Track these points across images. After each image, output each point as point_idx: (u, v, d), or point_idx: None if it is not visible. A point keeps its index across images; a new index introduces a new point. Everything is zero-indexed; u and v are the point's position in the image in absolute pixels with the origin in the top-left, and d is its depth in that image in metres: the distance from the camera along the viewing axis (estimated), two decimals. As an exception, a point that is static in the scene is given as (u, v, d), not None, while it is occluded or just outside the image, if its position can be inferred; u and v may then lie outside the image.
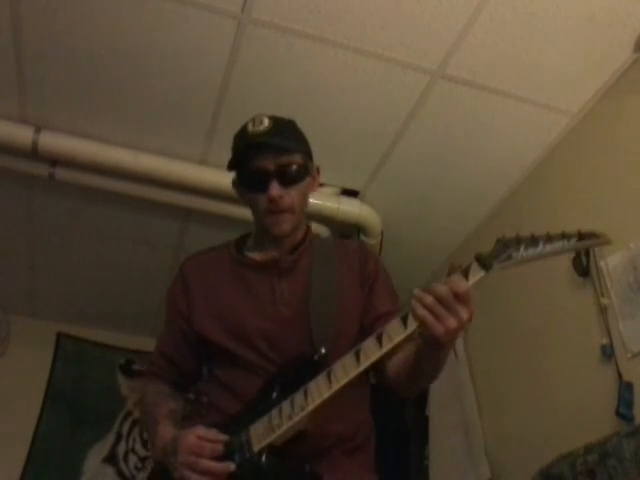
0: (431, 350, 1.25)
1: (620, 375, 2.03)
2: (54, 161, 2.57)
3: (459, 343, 2.78)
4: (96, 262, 3.24)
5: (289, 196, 1.48)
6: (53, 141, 2.50)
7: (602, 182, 2.30)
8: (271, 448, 1.29)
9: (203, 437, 1.31)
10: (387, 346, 1.22)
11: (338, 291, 1.51)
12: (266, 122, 1.50)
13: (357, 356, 1.24)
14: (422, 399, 3.05)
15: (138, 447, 3.48)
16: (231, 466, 1.29)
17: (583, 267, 2.26)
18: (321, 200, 2.72)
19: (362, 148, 2.62)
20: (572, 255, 2.30)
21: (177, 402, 1.60)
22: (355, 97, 2.41)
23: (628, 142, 2.22)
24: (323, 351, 1.36)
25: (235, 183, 1.61)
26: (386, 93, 2.39)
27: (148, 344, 3.73)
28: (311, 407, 1.26)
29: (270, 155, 1.47)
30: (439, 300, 1.14)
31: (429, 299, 1.15)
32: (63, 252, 3.17)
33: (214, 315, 1.51)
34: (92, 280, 3.37)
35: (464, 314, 1.15)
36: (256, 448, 1.30)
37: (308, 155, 1.56)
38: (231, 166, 1.57)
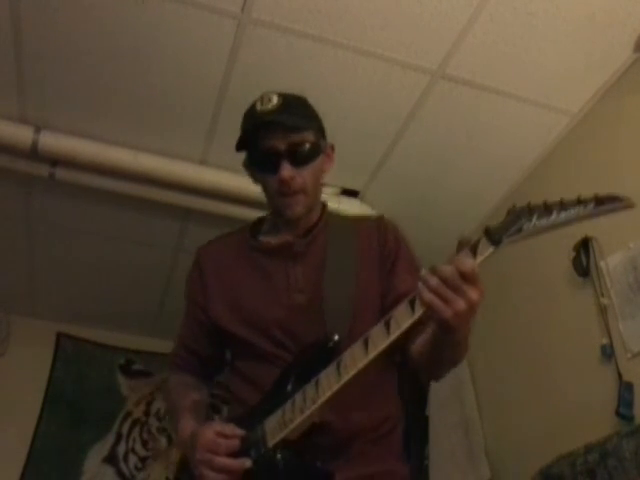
0: (445, 335, 1.17)
1: (620, 375, 2.03)
2: (54, 161, 2.57)
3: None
4: (96, 262, 3.24)
5: (301, 177, 1.41)
6: (53, 141, 2.49)
7: (602, 182, 2.30)
8: (286, 443, 1.26)
9: (220, 433, 1.28)
10: (395, 333, 1.13)
11: (355, 273, 1.44)
12: (275, 100, 1.42)
13: (365, 345, 1.17)
14: (422, 399, 3.04)
15: (138, 447, 3.48)
16: (247, 462, 1.26)
17: (583, 267, 2.26)
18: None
19: (362, 148, 2.62)
20: (572, 255, 2.30)
21: (201, 392, 1.56)
22: (355, 97, 2.41)
23: (628, 142, 2.22)
24: (336, 338, 1.28)
25: (246, 163, 1.54)
26: (386, 93, 2.39)
27: (148, 344, 3.76)
28: (322, 400, 1.21)
29: (280, 134, 1.40)
30: (445, 281, 1.06)
31: (434, 281, 1.07)
32: (63, 252, 3.17)
33: (229, 303, 1.47)
34: (92, 280, 3.37)
35: (473, 295, 1.07)
36: (270, 443, 1.26)
37: (320, 132, 1.48)
38: (240, 146, 1.49)
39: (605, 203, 1.01)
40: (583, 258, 2.26)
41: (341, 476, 1.28)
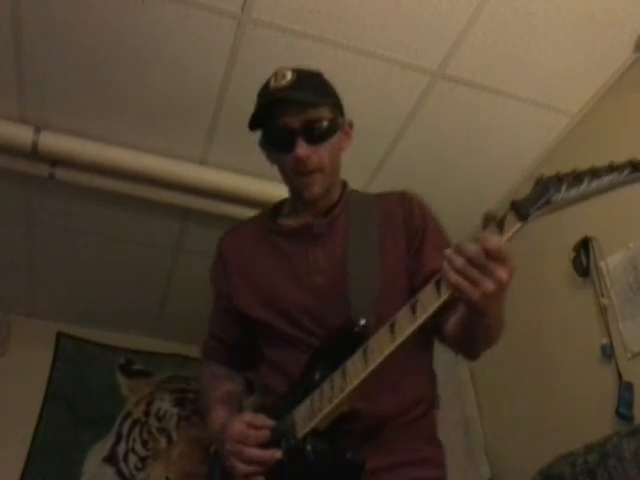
0: (475, 317, 1.11)
1: (620, 375, 2.03)
2: (54, 161, 2.57)
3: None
4: (96, 262, 3.23)
5: (317, 155, 1.35)
6: (53, 141, 2.49)
7: (602, 182, 2.30)
8: (315, 432, 1.21)
9: (250, 423, 1.26)
10: (422, 317, 1.07)
11: (379, 254, 1.37)
12: (289, 76, 1.36)
13: (392, 330, 1.11)
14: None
15: (138, 447, 3.48)
16: (277, 454, 1.23)
17: (583, 267, 2.26)
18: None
19: (362, 148, 2.62)
20: (572, 255, 2.30)
21: (234, 382, 1.52)
22: (355, 97, 2.41)
23: (628, 142, 2.22)
24: (362, 322, 1.23)
25: (261, 142, 1.47)
26: (386, 93, 2.39)
27: (148, 344, 3.76)
28: (350, 388, 1.16)
29: (294, 111, 1.34)
30: (470, 261, 1.00)
31: (459, 261, 1.00)
32: (63, 252, 3.17)
33: (252, 289, 1.44)
34: (92, 280, 3.36)
35: (502, 274, 1.00)
36: (300, 434, 1.23)
37: (338, 109, 1.43)
38: (253, 124, 1.41)
39: None
40: (583, 258, 2.26)
41: (370, 465, 1.23)
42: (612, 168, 0.95)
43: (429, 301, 1.07)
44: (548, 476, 2.02)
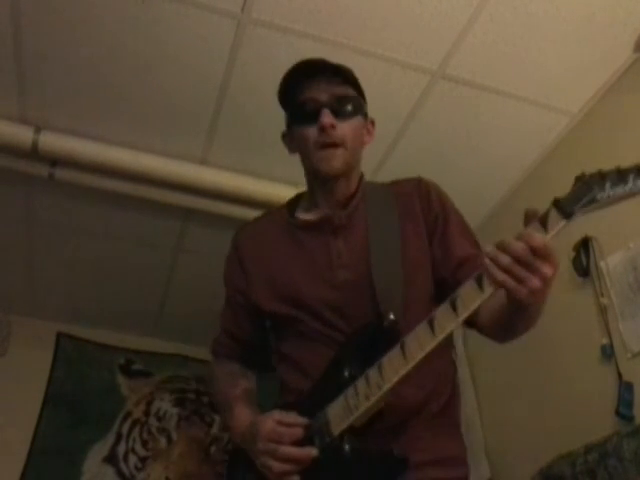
0: (518, 311, 1.12)
1: (620, 375, 2.03)
2: (54, 161, 2.57)
3: (458, 341, 2.78)
4: (96, 262, 3.23)
5: (341, 128, 1.36)
6: (53, 141, 2.49)
7: (602, 182, 2.30)
8: (351, 429, 1.20)
9: (281, 421, 1.24)
10: (464, 314, 1.06)
11: (401, 243, 1.36)
12: (318, 59, 1.41)
13: (431, 326, 1.10)
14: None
15: (138, 447, 3.48)
16: (313, 451, 1.21)
17: (583, 267, 2.26)
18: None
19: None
20: (572, 255, 2.30)
21: (249, 380, 1.50)
22: (355, 97, 2.41)
23: (628, 142, 2.22)
24: (392, 317, 1.22)
25: (284, 135, 1.49)
26: (386, 93, 2.39)
27: (148, 344, 3.77)
28: (388, 385, 1.15)
29: (322, 85, 1.37)
30: (517, 260, 0.99)
31: (506, 260, 1.00)
32: (63, 252, 3.17)
33: (271, 285, 1.41)
34: (92, 280, 3.36)
35: (548, 270, 1.00)
36: (336, 431, 1.21)
37: (363, 98, 1.46)
38: (282, 100, 1.44)
39: None
40: (583, 258, 2.26)
41: (413, 456, 1.22)
42: None
43: (471, 298, 1.06)
44: (548, 476, 2.02)
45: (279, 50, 2.24)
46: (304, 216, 1.47)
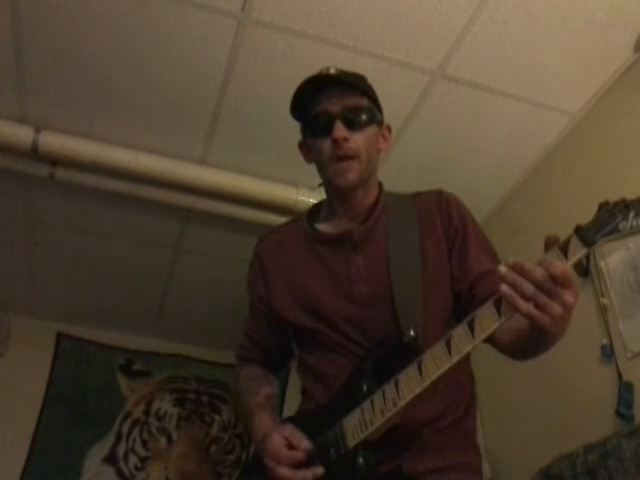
0: (540, 335, 1.10)
1: (620, 375, 2.03)
2: (54, 161, 2.57)
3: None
4: (96, 262, 3.23)
5: (354, 140, 1.36)
6: (53, 141, 2.49)
7: (602, 182, 2.30)
8: (366, 443, 1.22)
9: (287, 440, 1.28)
10: (480, 337, 1.06)
11: (421, 258, 1.36)
12: (332, 70, 1.41)
13: (448, 346, 1.10)
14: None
15: (138, 447, 3.48)
16: (308, 475, 1.24)
17: (583, 267, 2.26)
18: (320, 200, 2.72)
19: (362, 148, 2.62)
20: (572, 255, 2.30)
21: (272, 385, 1.53)
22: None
23: (628, 142, 2.22)
24: (412, 334, 1.23)
25: (301, 144, 1.50)
26: (386, 93, 2.38)
27: (148, 344, 3.77)
28: (403, 403, 1.16)
29: (335, 98, 1.37)
30: (538, 287, 0.98)
31: (529, 288, 0.98)
32: (63, 252, 3.17)
33: (293, 295, 1.43)
34: (92, 280, 3.36)
35: (569, 298, 0.99)
36: (351, 444, 1.23)
37: (376, 106, 1.46)
38: (295, 114, 1.45)
39: None
40: (583, 258, 2.26)
41: (408, 469, 1.25)
42: None
43: (488, 322, 1.06)
44: (548, 476, 2.02)
45: (279, 50, 2.24)
46: (324, 228, 1.47)
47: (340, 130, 1.35)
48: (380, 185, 1.51)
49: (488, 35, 2.19)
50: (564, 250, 0.99)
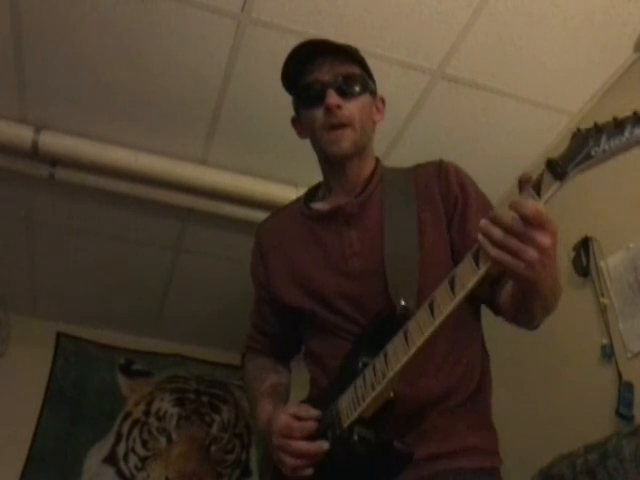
0: (527, 289, 1.04)
1: (620, 375, 2.03)
2: (54, 161, 2.57)
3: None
4: (96, 262, 3.23)
5: (347, 108, 1.33)
6: (53, 141, 2.49)
7: (602, 182, 2.30)
8: (361, 421, 1.16)
9: (295, 415, 1.23)
10: (461, 293, 0.99)
11: (418, 229, 1.31)
12: (320, 39, 1.39)
13: (431, 309, 1.04)
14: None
15: (138, 447, 3.48)
16: (324, 445, 1.19)
17: (583, 267, 2.26)
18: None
19: (362, 148, 2.62)
20: (572, 255, 2.30)
21: (279, 374, 1.50)
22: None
23: (628, 142, 2.22)
24: (403, 303, 1.18)
25: (294, 120, 1.47)
26: (386, 93, 2.38)
27: (148, 344, 3.77)
28: (391, 374, 1.10)
29: (326, 67, 1.35)
30: (508, 231, 0.92)
31: (497, 232, 0.93)
32: (63, 252, 3.17)
33: (290, 277, 1.40)
34: (92, 280, 3.36)
35: (544, 239, 0.92)
36: (345, 423, 1.18)
37: (369, 75, 1.42)
38: (286, 85, 1.43)
39: None
40: (583, 258, 2.26)
41: (422, 450, 1.18)
42: None
43: (467, 276, 0.99)
44: (548, 476, 2.02)
45: (279, 50, 2.23)
46: (318, 206, 1.45)
47: (333, 97, 1.32)
48: (377, 159, 1.48)
49: (488, 35, 2.19)
50: (537, 188, 0.92)
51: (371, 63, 2.28)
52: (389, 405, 1.15)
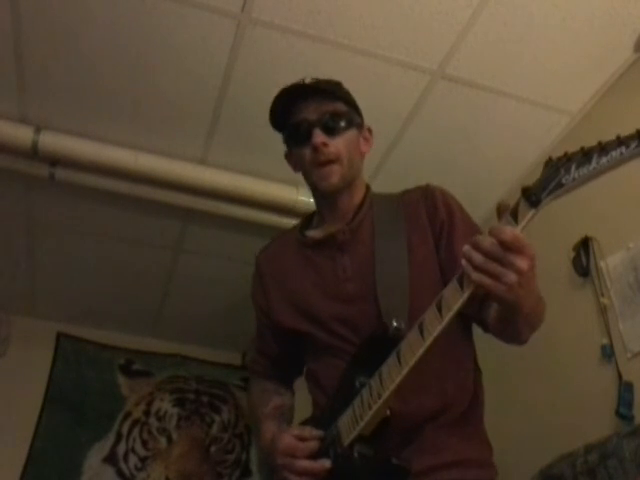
0: (510, 309, 1.10)
1: (620, 375, 2.03)
2: (54, 161, 2.57)
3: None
4: (96, 262, 3.24)
5: (334, 145, 1.40)
6: (53, 141, 2.49)
7: (602, 182, 2.30)
8: (361, 439, 1.22)
9: (298, 436, 1.29)
10: (448, 315, 1.05)
11: (408, 253, 1.36)
12: (308, 79, 1.45)
13: (421, 330, 1.10)
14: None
15: (138, 447, 3.48)
16: (327, 463, 1.24)
17: (583, 267, 2.26)
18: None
19: (362, 148, 2.62)
20: (572, 255, 2.30)
21: (283, 396, 1.55)
22: (355, 97, 2.41)
23: (628, 142, 2.22)
24: (395, 324, 1.23)
25: (286, 154, 1.54)
26: (386, 93, 2.39)
27: (148, 344, 3.77)
28: (386, 394, 1.16)
29: (312, 105, 1.42)
30: (488, 255, 0.98)
31: (478, 257, 0.99)
32: (63, 252, 3.17)
33: (288, 302, 1.46)
34: (92, 280, 3.36)
35: (521, 263, 0.98)
36: (346, 442, 1.24)
37: (354, 109, 1.49)
38: (275, 125, 1.51)
39: None
40: (583, 258, 2.26)
41: (419, 463, 1.23)
42: (620, 142, 0.93)
43: (453, 299, 1.05)
44: (548, 476, 2.02)
45: (279, 50, 2.24)
46: (313, 234, 1.51)
47: (319, 136, 1.39)
48: (367, 187, 1.53)
49: (488, 35, 2.19)
50: (514, 215, 0.98)
51: (371, 63, 2.30)
52: (386, 422, 1.21)
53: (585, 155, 0.95)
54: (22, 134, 2.46)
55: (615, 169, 0.94)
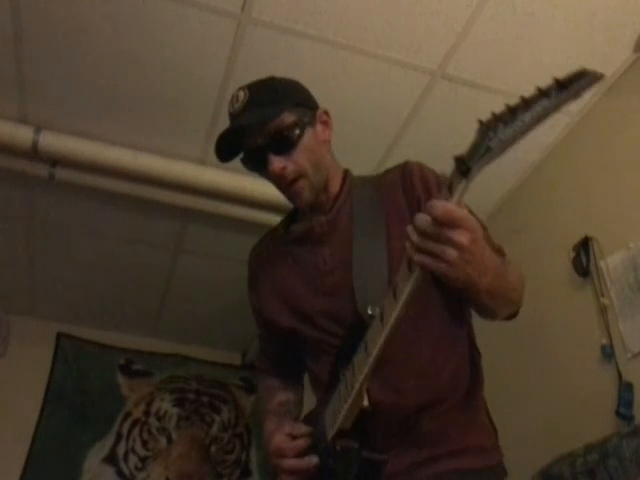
0: (467, 291, 1.05)
1: (620, 375, 2.03)
2: (54, 161, 2.57)
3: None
4: (96, 262, 3.24)
5: (292, 163, 1.32)
6: (53, 141, 2.49)
7: (602, 182, 2.30)
8: (342, 433, 1.20)
9: (289, 434, 1.29)
10: (401, 299, 1.00)
11: (386, 238, 1.31)
12: (241, 96, 1.34)
13: (381, 318, 1.07)
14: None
15: (138, 447, 3.48)
16: (313, 459, 1.24)
17: (583, 267, 2.26)
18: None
19: (362, 148, 2.62)
20: (572, 255, 2.30)
21: (287, 392, 1.53)
22: (355, 97, 2.41)
23: (628, 142, 2.22)
24: (370, 312, 1.19)
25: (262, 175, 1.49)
26: (386, 93, 2.39)
27: (148, 344, 3.77)
28: (358, 385, 1.13)
29: (256, 131, 1.32)
30: (424, 234, 0.93)
31: (414, 237, 0.93)
32: (63, 252, 3.17)
33: (278, 300, 1.44)
34: (92, 280, 3.37)
35: (461, 237, 0.92)
36: (329, 436, 1.23)
37: (300, 107, 1.37)
38: (227, 156, 1.40)
39: (571, 83, 0.88)
40: (583, 258, 2.26)
41: (396, 463, 1.20)
42: (541, 93, 0.87)
43: (404, 283, 1.00)
44: (548, 476, 2.02)
45: (279, 50, 2.24)
46: (295, 227, 1.47)
47: (274, 163, 1.31)
48: (345, 172, 1.47)
49: (488, 35, 2.19)
50: (450, 188, 0.91)
51: (371, 63, 2.30)
52: (366, 414, 1.18)
53: (510, 112, 0.88)
54: (22, 134, 2.46)
55: (540, 125, 0.88)
